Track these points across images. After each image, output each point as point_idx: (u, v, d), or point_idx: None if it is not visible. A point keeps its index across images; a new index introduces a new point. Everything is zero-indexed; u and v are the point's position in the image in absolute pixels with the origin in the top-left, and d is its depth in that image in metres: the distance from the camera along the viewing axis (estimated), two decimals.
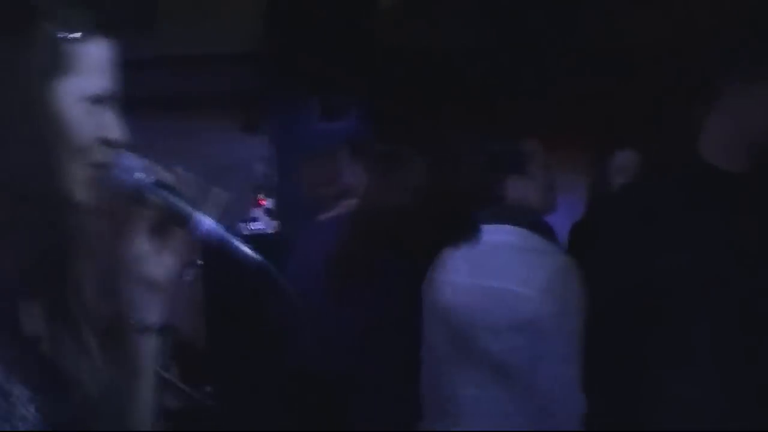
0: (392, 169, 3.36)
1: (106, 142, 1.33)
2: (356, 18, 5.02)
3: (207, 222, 1.35)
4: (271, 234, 5.74)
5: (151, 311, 1.39)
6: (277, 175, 5.59)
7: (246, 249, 1.36)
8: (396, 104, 4.94)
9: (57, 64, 1.27)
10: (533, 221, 2.58)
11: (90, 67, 1.31)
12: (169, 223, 1.36)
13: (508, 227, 2.53)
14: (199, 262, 4.53)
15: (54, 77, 1.27)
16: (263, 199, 6.18)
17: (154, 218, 1.35)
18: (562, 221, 3.18)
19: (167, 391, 3.95)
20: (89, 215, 1.34)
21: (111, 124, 1.34)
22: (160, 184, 1.35)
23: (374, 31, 5.05)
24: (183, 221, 1.35)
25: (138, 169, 1.34)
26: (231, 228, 1.37)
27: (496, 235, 2.54)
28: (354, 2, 5.04)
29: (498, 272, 2.46)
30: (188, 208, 1.35)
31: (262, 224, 6.04)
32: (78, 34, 1.29)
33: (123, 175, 1.33)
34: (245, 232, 6.07)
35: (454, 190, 2.74)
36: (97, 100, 1.32)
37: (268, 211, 6.02)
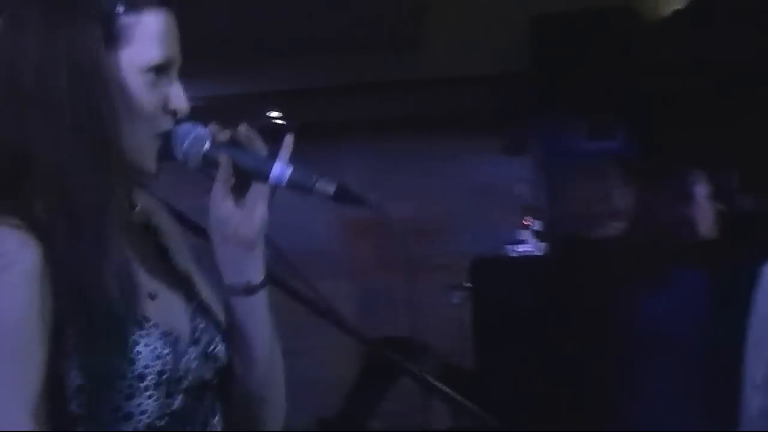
0: (665, 188, 3.26)
1: (171, 111, 1.34)
2: (621, 35, 4.93)
3: (280, 169, 1.33)
4: (539, 256, 5.70)
5: (250, 270, 1.39)
6: (544, 196, 5.56)
7: (326, 184, 1.33)
8: (665, 122, 4.80)
9: (114, 36, 1.28)
10: None
11: (148, 38, 1.30)
12: (246, 178, 1.35)
13: None
14: (468, 284, 4.56)
15: (112, 50, 1.28)
16: (530, 221, 6.14)
17: (229, 178, 1.34)
18: None
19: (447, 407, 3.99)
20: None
21: (175, 93, 1.34)
22: (228, 144, 1.35)
23: (640, 48, 4.93)
24: (258, 174, 1.34)
25: (203, 134, 1.35)
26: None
27: None
28: (618, 19, 4.95)
29: None
30: (260, 161, 1.35)
31: (530, 246, 6.01)
32: (133, 6, 1.30)
33: (190, 141, 1.34)
34: (513, 254, 6.06)
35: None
36: (159, 70, 1.31)
37: (536, 233, 5.98)
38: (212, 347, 1.37)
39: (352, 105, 6.70)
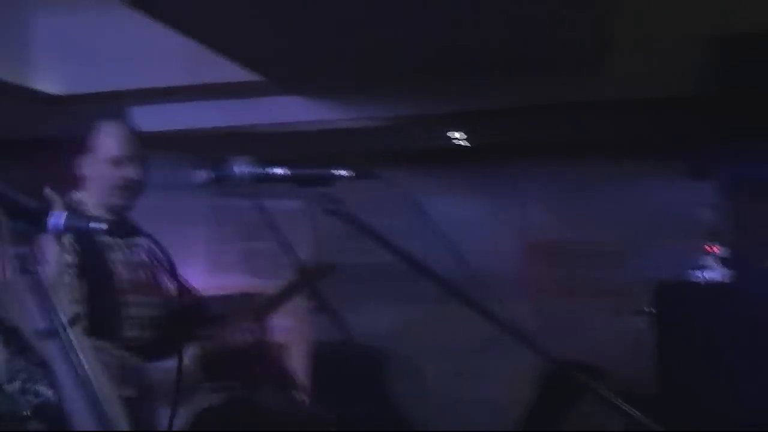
0: None
1: None
2: None
3: (55, 218, 1.45)
4: (724, 282, 5.56)
5: (41, 316, 1.46)
6: (728, 222, 5.43)
7: (95, 223, 1.48)
8: None
9: None
10: None
11: None
12: (30, 231, 1.45)
13: None
14: (650, 309, 4.50)
15: None
16: (714, 246, 6.00)
17: (13, 235, 1.44)
18: None
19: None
20: None
21: None
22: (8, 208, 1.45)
23: None
24: (37, 229, 1.46)
25: None
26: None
27: None
28: None
29: None
30: (35, 217, 1.45)
31: (714, 272, 5.87)
32: None
33: None
34: (697, 280, 5.93)
35: None
36: None
37: (720, 259, 5.84)
38: (30, 384, 1.53)
39: (533, 126, 6.70)
